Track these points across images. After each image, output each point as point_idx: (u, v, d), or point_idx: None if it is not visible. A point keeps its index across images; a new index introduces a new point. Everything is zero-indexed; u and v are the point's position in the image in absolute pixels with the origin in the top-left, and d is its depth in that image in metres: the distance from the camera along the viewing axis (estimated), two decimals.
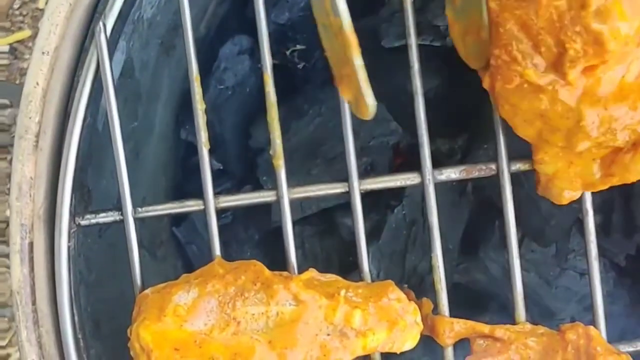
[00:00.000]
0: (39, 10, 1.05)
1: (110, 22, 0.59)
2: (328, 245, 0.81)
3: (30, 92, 0.56)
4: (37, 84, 0.56)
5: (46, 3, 0.55)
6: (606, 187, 0.57)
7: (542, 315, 0.82)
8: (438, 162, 0.83)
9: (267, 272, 0.57)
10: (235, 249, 0.87)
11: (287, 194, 0.60)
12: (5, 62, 1.05)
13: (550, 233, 0.80)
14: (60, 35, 0.56)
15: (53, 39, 0.56)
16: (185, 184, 0.85)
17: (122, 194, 0.59)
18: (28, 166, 0.57)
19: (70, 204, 0.59)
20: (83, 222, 0.60)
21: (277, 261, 0.62)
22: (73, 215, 0.59)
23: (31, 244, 0.57)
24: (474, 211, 0.83)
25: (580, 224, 0.73)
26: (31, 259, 0.58)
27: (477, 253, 0.83)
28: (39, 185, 0.58)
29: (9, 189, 0.99)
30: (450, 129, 0.83)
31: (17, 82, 1.04)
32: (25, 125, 0.56)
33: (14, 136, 0.98)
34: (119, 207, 0.60)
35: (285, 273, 0.58)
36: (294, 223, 0.81)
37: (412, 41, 0.59)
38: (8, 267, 0.85)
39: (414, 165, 0.62)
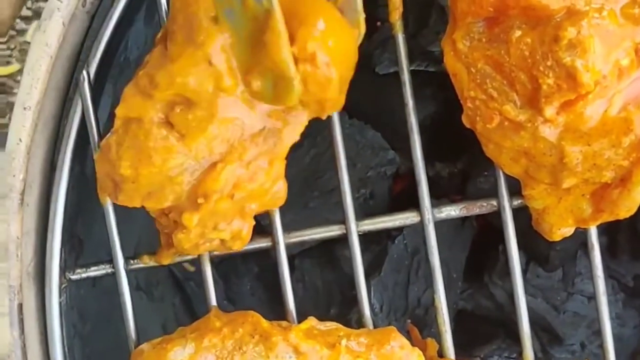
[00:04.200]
0: (28, 44, 1.03)
1: (94, 69, 0.57)
2: (329, 278, 0.80)
3: (13, 149, 0.54)
4: (20, 140, 0.54)
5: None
6: (598, 223, 0.55)
7: (551, 341, 0.80)
8: (438, 187, 0.82)
9: (265, 323, 0.55)
10: (234, 282, 0.85)
11: (282, 240, 0.58)
12: None
13: (555, 257, 0.78)
14: (42, 90, 0.54)
15: (35, 94, 0.54)
16: None
17: (113, 249, 0.57)
18: (14, 226, 0.55)
19: (60, 259, 0.58)
20: (74, 277, 0.58)
21: (277, 295, 0.60)
22: (63, 270, 0.58)
23: (20, 305, 0.56)
24: (478, 236, 0.81)
25: (586, 247, 0.72)
26: (21, 320, 0.56)
27: (482, 279, 0.81)
28: (26, 242, 0.57)
29: None
30: (449, 153, 0.81)
31: (7, 116, 1.02)
32: (10, 183, 0.55)
33: None
34: (110, 259, 0.59)
35: (284, 323, 0.57)
36: (294, 256, 0.80)
37: (406, 78, 0.58)
38: None
39: (414, 191, 0.60)
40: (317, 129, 0.78)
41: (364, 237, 0.61)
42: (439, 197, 0.80)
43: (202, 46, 0.50)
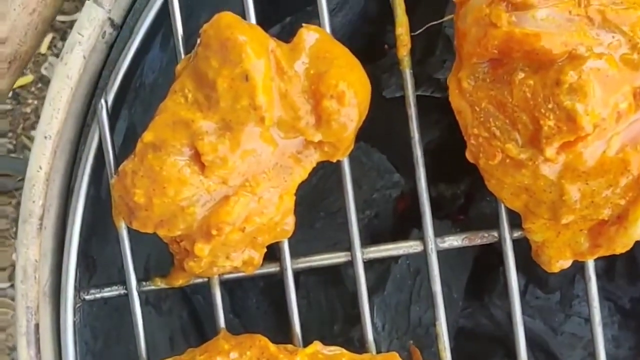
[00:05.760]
0: (41, 56, 1.05)
1: (112, 97, 0.59)
2: (332, 296, 0.81)
3: (34, 176, 0.56)
4: (40, 167, 0.56)
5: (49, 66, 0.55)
6: (595, 257, 0.57)
7: None
8: (441, 208, 0.84)
9: (272, 347, 0.57)
10: (240, 296, 0.87)
11: (290, 266, 0.60)
12: (8, 107, 1.06)
13: (554, 279, 0.80)
14: (62, 119, 0.56)
15: (55, 124, 0.56)
16: None
17: (126, 272, 0.59)
18: (32, 249, 0.57)
19: (75, 280, 0.60)
20: (88, 297, 0.60)
21: (282, 309, 0.62)
22: (78, 290, 0.60)
23: (37, 325, 0.58)
24: (478, 258, 0.83)
25: (584, 271, 0.74)
26: (37, 340, 0.58)
27: (482, 298, 0.83)
28: (43, 263, 0.59)
29: (15, 232, 0.99)
30: (452, 175, 0.83)
31: (20, 127, 1.04)
32: (29, 209, 0.57)
33: (19, 180, 0.98)
34: (123, 280, 0.60)
35: (290, 346, 0.59)
36: (299, 273, 0.82)
37: (413, 112, 0.60)
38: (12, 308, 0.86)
39: (418, 210, 0.62)
40: None
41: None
42: (442, 217, 0.82)
43: (239, 64, 0.53)
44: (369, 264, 0.62)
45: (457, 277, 0.81)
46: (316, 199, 0.79)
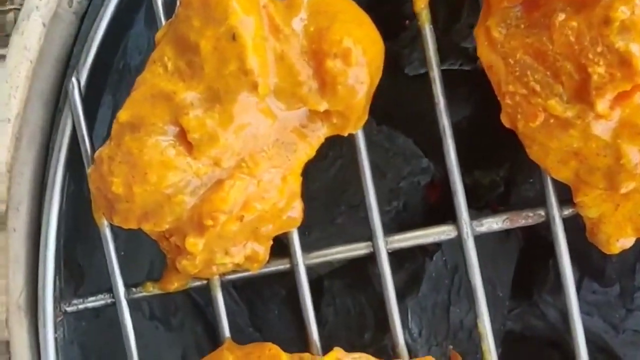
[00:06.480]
0: None
1: (86, 76, 0.52)
2: (361, 300, 0.73)
3: None
4: None
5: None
6: None
7: None
8: (478, 196, 0.75)
9: (284, 356, 0.50)
10: (260, 308, 0.79)
11: (302, 262, 0.52)
12: None
13: (612, 271, 0.72)
14: (22, 100, 0.48)
15: (14, 104, 0.48)
16: None
17: (112, 276, 0.52)
18: None
19: (54, 289, 0.52)
20: (69, 309, 0.53)
21: None
22: (58, 301, 0.52)
23: (7, 343, 0.50)
24: (524, 249, 0.75)
25: None
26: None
27: (531, 296, 0.75)
28: (15, 271, 0.51)
29: None
30: (489, 160, 0.75)
31: None
32: None
33: None
34: (110, 288, 0.53)
35: (306, 355, 0.51)
36: (322, 277, 0.74)
37: (435, 74, 0.52)
38: None
39: (452, 201, 0.54)
40: (343, 138, 0.72)
41: (398, 254, 0.55)
42: (480, 208, 0.74)
43: (224, 21, 0.45)
44: (398, 262, 0.54)
45: (501, 272, 0.73)
46: (336, 191, 0.71)
